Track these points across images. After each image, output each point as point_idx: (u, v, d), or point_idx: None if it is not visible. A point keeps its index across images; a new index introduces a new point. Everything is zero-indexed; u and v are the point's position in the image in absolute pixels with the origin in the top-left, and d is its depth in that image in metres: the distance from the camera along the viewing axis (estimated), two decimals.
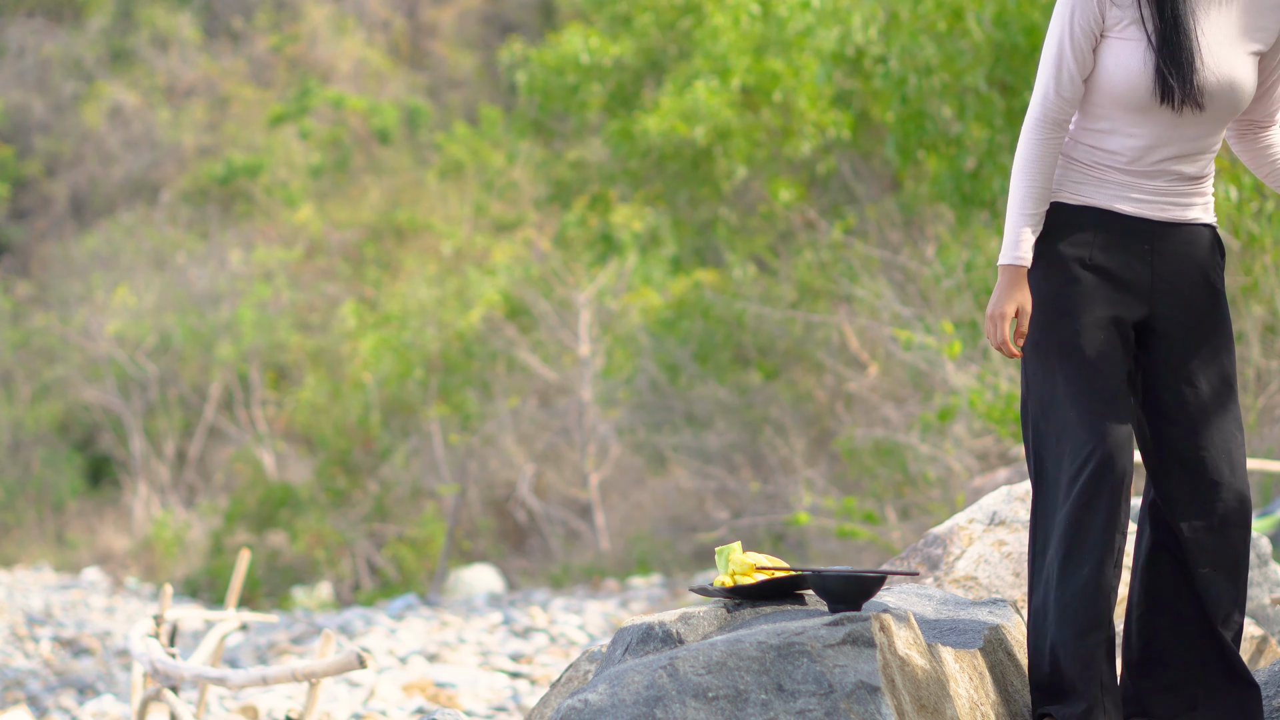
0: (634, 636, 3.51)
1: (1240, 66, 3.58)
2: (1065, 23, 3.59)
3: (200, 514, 23.82)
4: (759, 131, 15.38)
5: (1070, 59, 3.59)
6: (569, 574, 17.18)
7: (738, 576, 3.56)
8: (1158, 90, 3.54)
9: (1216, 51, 3.56)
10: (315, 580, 19.76)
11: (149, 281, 28.01)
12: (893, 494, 12.24)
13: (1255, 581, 5.09)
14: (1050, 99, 3.60)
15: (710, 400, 16.28)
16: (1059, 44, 3.60)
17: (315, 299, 26.51)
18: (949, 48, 11.69)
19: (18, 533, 25.58)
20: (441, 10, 35.27)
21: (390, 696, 9.24)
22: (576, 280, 19.48)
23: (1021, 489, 4.71)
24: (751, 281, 15.79)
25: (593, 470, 18.93)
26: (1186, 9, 3.54)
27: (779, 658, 3.19)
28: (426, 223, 26.25)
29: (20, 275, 31.58)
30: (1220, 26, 3.57)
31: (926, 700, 3.31)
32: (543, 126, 18.52)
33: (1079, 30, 3.58)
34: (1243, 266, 10.36)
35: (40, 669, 13.10)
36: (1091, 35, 3.59)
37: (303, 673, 5.50)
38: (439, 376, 20.92)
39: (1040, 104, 3.62)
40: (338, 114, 30.87)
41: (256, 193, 29.70)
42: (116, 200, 32.38)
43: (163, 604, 6.77)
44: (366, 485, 21.15)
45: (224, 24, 35.08)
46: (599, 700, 3.20)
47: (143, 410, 26.60)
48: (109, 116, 33.20)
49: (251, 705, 8.72)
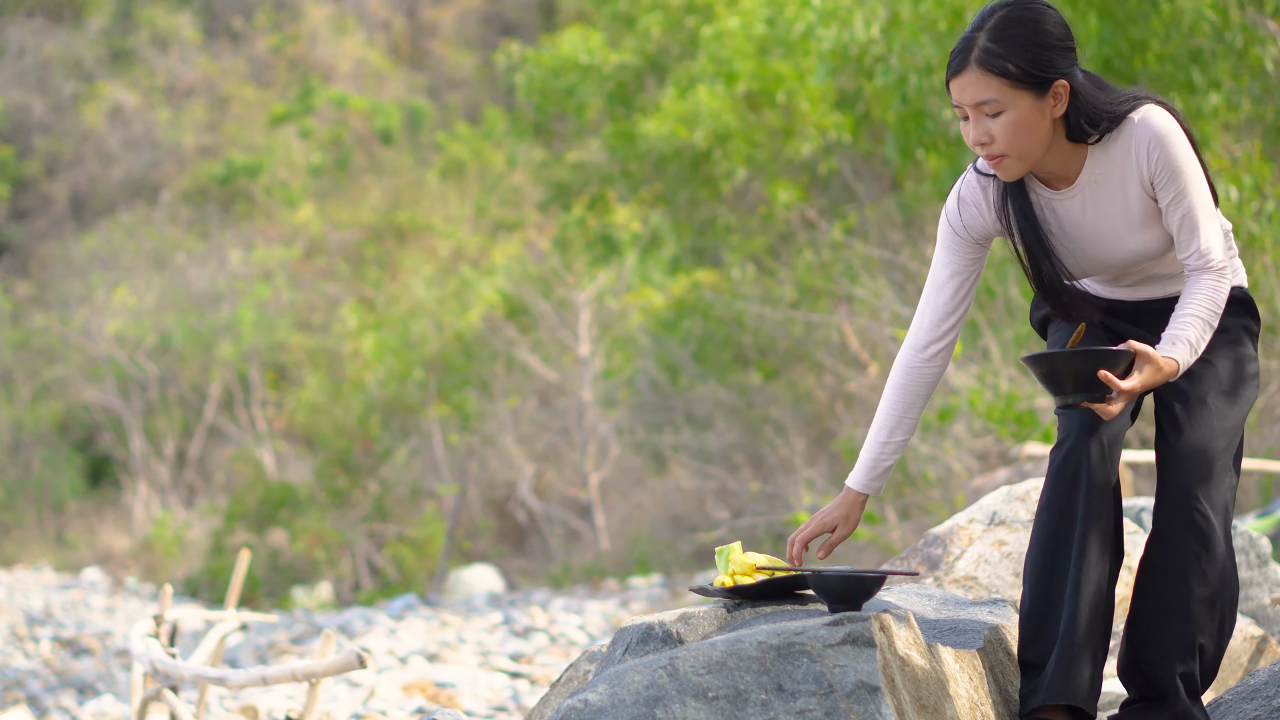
0: (634, 636, 3.50)
1: (1128, 244, 3.57)
2: (934, 263, 3.67)
3: (200, 514, 23.82)
4: (760, 133, 15.38)
5: (933, 300, 3.66)
6: (569, 574, 17.19)
7: (738, 576, 3.55)
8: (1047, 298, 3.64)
9: (1090, 244, 3.58)
10: (315, 580, 19.76)
11: (149, 281, 28.01)
12: (892, 494, 12.24)
13: (1255, 581, 5.09)
14: (911, 335, 3.67)
15: (710, 400, 16.28)
16: (927, 283, 3.68)
17: (315, 299, 26.51)
18: (950, 47, 11.69)
19: (18, 533, 25.58)
20: (441, 10, 35.28)
21: (390, 696, 9.23)
22: (576, 280, 19.48)
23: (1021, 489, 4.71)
24: (751, 281, 15.79)
25: (593, 470, 18.93)
26: (1045, 231, 3.57)
27: (779, 658, 3.19)
28: (427, 223, 26.25)
29: (20, 275, 31.59)
30: (1089, 217, 3.57)
31: (926, 700, 3.31)
32: (543, 128, 18.52)
33: (944, 271, 3.65)
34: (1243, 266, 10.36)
35: (40, 669, 13.10)
36: (960, 275, 3.64)
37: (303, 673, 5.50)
38: (439, 377, 20.93)
39: (907, 337, 3.69)
40: (340, 114, 30.88)
41: (257, 193, 29.71)
42: (116, 200, 32.39)
43: (163, 604, 6.77)
44: (366, 485, 21.15)
45: (224, 24, 35.08)
46: (599, 700, 3.20)
47: (143, 410, 26.61)
48: (109, 116, 33.21)
49: (251, 705, 8.72)
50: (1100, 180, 3.51)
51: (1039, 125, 3.43)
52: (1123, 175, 3.50)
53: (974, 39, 3.42)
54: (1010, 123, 3.41)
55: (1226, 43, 10.58)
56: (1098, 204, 3.53)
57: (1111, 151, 3.49)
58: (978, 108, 3.43)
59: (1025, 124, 3.42)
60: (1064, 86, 3.43)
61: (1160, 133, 3.44)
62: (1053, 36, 3.41)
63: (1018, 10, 3.43)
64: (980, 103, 3.42)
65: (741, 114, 15.27)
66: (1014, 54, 3.39)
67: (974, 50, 3.41)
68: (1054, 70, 3.41)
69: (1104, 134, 3.48)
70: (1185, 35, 10.69)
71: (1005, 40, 3.40)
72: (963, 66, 3.43)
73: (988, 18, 3.43)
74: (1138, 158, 3.47)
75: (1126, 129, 3.47)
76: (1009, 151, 3.44)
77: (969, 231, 3.62)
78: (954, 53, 3.46)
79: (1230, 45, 10.57)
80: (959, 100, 3.45)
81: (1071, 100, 3.45)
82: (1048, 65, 3.41)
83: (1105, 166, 3.50)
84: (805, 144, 15.10)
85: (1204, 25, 10.61)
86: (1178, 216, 3.47)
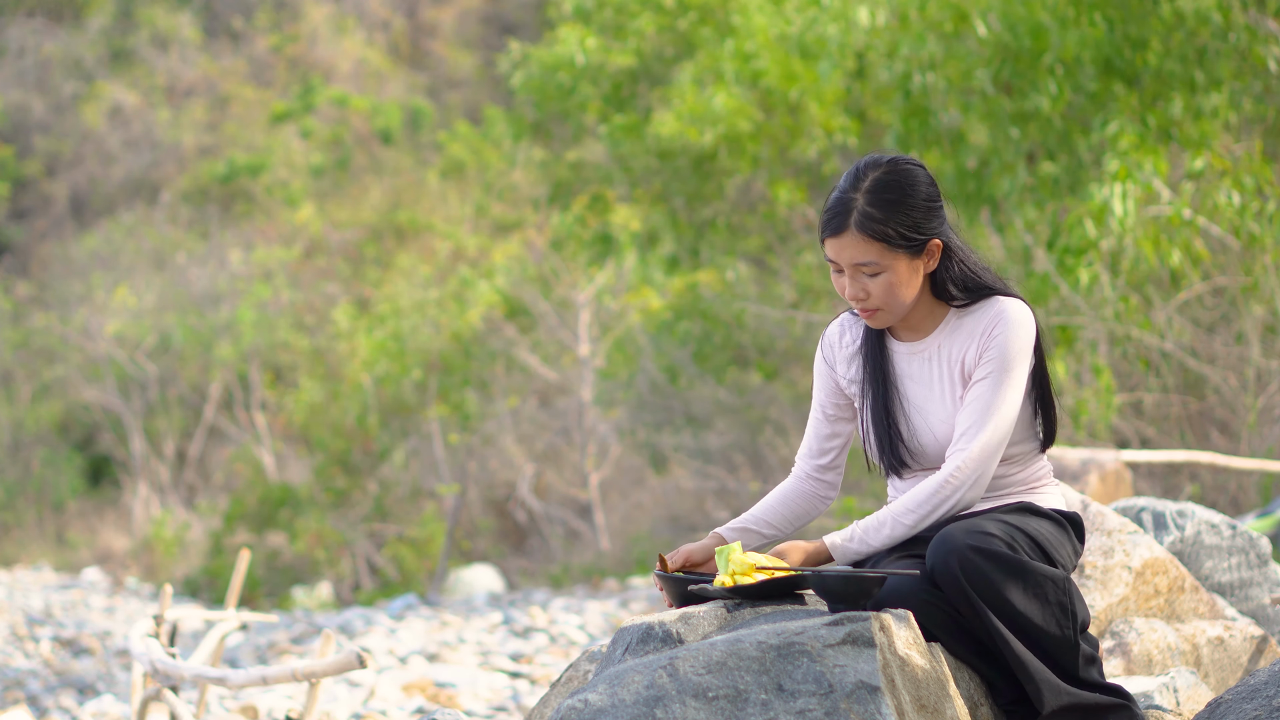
0: (634, 636, 3.50)
1: (947, 414, 3.63)
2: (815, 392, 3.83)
3: (200, 514, 23.82)
4: (768, 133, 15.37)
5: (811, 426, 3.81)
6: (569, 574, 17.18)
7: (738, 576, 3.55)
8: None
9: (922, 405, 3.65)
10: (315, 580, 19.75)
11: (149, 281, 28.00)
12: None
13: (1255, 582, 5.09)
14: (800, 455, 3.82)
15: (710, 400, 16.28)
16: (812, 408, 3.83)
17: (315, 299, 26.50)
18: (955, 49, 11.71)
19: (18, 533, 25.58)
20: (441, 10, 35.27)
21: (390, 696, 9.23)
22: (575, 280, 19.47)
23: None
24: (746, 282, 15.78)
25: (593, 470, 18.93)
26: (894, 376, 3.66)
27: (779, 658, 3.19)
28: (427, 223, 26.24)
29: (20, 275, 31.58)
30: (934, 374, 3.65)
31: (926, 700, 3.31)
32: (542, 128, 18.51)
33: (816, 399, 3.81)
34: (1243, 267, 10.37)
35: (40, 669, 13.10)
36: (829, 414, 3.80)
37: (303, 673, 5.50)
38: (438, 377, 20.92)
39: (798, 457, 3.84)
40: (340, 113, 30.88)
41: (257, 192, 29.70)
42: (116, 200, 32.38)
43: (163, 604, 6.77)
44: (366, 485, 21.14)
45: (224, 24, 35.08)
46: (599, 700, 3.20)
47: (143, 410, 26.60)
48: (109, 116, 33.20)
49: (251, 705, 8.72)
50: (947, 342, 3.62)
51: (912, 282, 3.56)
52: (965, 346, 3.59)
53: (851, 201, 3.53)
54: (887, 282, 3.54)
55: (1230, 43, 10.59)
56: (941, 364, 3.62)
57: (966, 321, 3.60)
58: (856, 268, 3.55)
59: (901, 282, 3.54)
60: (937, 245, 3.57)
61: (1014, 320, 3.55)
62: (926, 198, 3.54)
63: (892, 174, 3.54)
64: (859, 264, 3.54)
65: (752, 114, 15.23)
66: (893, 219, 3.50)
67: (853, 214, 3.52)
68: (929, 232, 3.54)
69: (969, 301, 3.60)
70: (1189, 34, 10.70)
71: (883, 206, 3.51)
72: (841, 229, 3.53)
73: (861, 178, 3.54)
74: (985, 331, 3.57)
75: (988, 305, 3.59)
76: (884, 307, 3.57)
77: (831, 367, 3.77)
78: (829, 212, 3.55)
79: (1234, 45, 10.58)
80: (836, 258, 3.56)
81: (943, 258, 3.59)
82: (923, 228, 3.53)
83: (957, 331, 3.61)
84: (811, 145, 15.09)
85: (1207, 25, 10.62)
86: (973, 396, 3.55)
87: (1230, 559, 5.07)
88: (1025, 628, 3.44)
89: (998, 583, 3.41)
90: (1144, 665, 4.38)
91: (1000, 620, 3.43)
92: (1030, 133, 11.58)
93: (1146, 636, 4.42)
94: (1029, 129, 11.55)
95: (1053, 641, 3.45)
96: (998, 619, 3.43)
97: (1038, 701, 3.46)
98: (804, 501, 3.79)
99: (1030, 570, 3.44)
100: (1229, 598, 5.03)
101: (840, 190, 3.56)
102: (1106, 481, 7.77)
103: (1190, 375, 10.75)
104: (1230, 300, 10.62)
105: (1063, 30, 11.02)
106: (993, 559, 3.41)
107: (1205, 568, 5.03)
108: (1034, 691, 3.45)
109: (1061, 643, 3.46)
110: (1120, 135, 10.33)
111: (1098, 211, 10.07)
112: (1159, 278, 10.60)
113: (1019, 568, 3.43)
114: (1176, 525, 5.03)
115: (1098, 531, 4.62)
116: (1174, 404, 10.75)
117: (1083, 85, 11.18)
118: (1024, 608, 3.43)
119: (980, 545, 3.41)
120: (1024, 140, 11.61)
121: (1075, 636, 3.49)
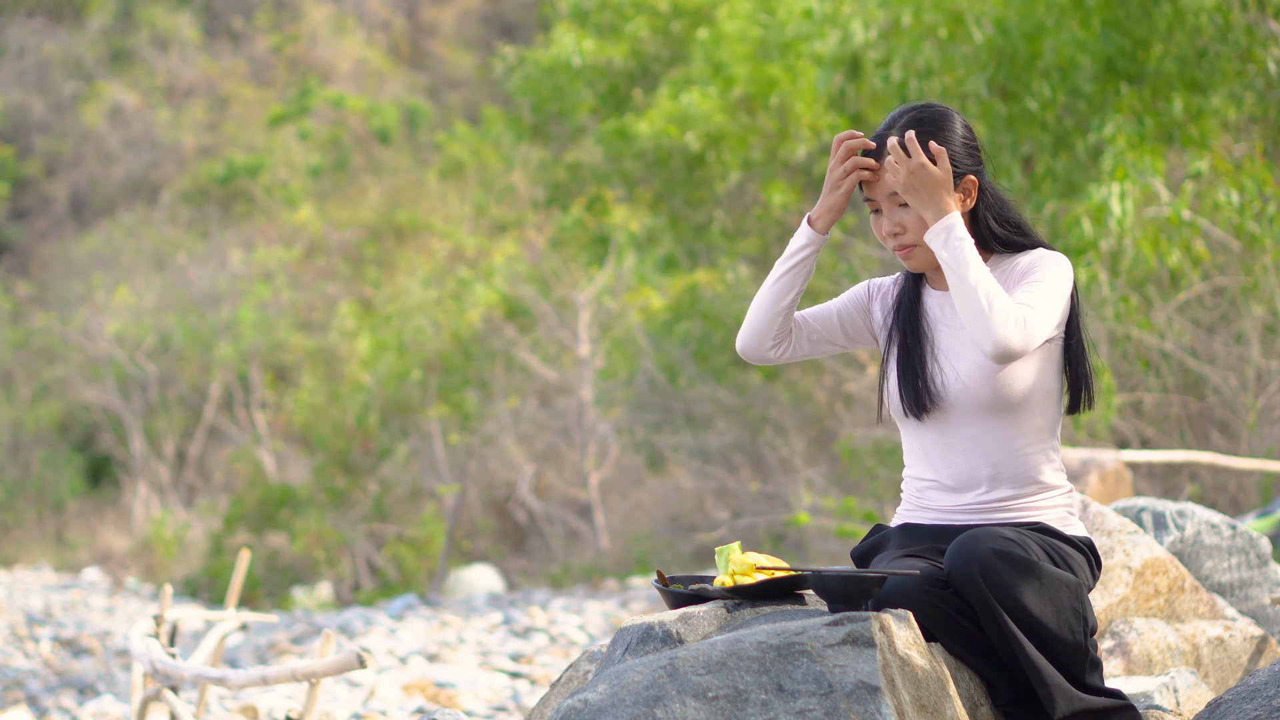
0: (634, 636, 3.51)
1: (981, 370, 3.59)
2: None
3: (200, 514, 23.82)
4: (754, 135, 15.39)
5: (824, 309, 3.79)
6: (569, 574, 17.18)
7: (738, 576, 3.56)
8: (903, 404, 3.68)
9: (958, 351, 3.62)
10: (315, 580, 19.75)
11: (149, 281, 28.00)
12: (893, 494, 12.25)
13: (1255, 582, 5.09)
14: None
15: (710, 400, 16.28)
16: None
17: (315, 299, 26.50)
18: (950, 54, 11.71)
19: (18, 533, 25.58)
20: (441, 10, 35.28)
21: (390, 696, 9.23)
22: (575, 280, 19.47)
23: None
24: (746, 282, 15.79)
25: (593, 470, 18.93)
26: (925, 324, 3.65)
27: (779, 658, 3.19)
28: (426, 223, 26.24)
29: (20, 275, 31.58)
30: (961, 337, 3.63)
31: (926, 700, 3.31)
32: (540, 129, 18.52)
33: (836, 302, 3.81)
34: (1243, 267, 10.37)
35: (40, 669, 13.10)
36: (840, 314, 3.80)
37: (303, 673, 5.50)
38: (438, 376, 20.92)
39: None
40: (338, 114, 30.87)
41: (256, 193, 29.70)
42: (116, 200, 32.39)
43: (163, 604, 6.77)
44: (366, 485, 21.14)
45: (224, 24, 35.09)
46: (599, 700, 3.20)
47: (143, 410, 26.60)
48: (109, 116, 33.21)
49: (251, 705, 8.72)
50: None
51: None
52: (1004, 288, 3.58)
53: (887, 134, 3.56)
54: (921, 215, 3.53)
55: (1230, 43, 10.59)
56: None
57: (1004, 268, 3.60)
58: (892, 199, 3.55)
59: None
60: (973, 182, 3.57)
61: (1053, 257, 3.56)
62: (963, 136, 3.57)
63: (928, 111, 3.58)
64: (895, 194, 3.54)
65: (735, 116, 15.28)
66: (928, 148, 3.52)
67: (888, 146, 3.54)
68: (964, 166, 3.56)
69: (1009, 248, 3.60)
70: (1190, 34, 10.70)
71: (920, 133, 3.53)
72: (878, 159, 3.56)
73: (898, 118, 3.57)
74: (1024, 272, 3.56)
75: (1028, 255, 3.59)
76: (919, 242, 3.56)
77: (870, 298, 3.76)
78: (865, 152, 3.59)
79: (1235, 46, 10.58)
80: (873, 195, 3.57)
81: (980, 198, 3.59)
82: (959, 161, 3.55)
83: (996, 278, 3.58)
84: (800, 145, 15.12)
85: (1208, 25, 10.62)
86: (1026, 284, 3.52)
87: (1230, 559, 5.07)
88: (1039, 632, 3.44)
89: (1015, 586, 3.42)
90: (1144, 665, 4.38)
91: (1016, 624, 3.44)
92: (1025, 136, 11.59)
93: (1146, 637, 4.42)
94: (1024, 132, 11.56)
95: (1065, 647, 3.46)
96: (1013, 623, 3.43)
97: (1050, 706, 3.46)
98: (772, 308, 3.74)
99: (1047, 575, 3.45)
100: (1229, 598, 5.03)
101: (876, 132, 3.61)
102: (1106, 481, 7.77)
103: (1190, 375, 10.75)
104: (1230, 300, 10.63)
105: (1057, 32, 11.03)
106: (1012, 563, 3.42)
107: (1205, 568, 5.03)
108: (1046, 696, 3.45)
109: (1074, 648, 3.47)
110: (1117, 135, 10.34)
111: (1096, 211, 10.07)
112: (1159, 278, 10.61)
113: (1036, 572, 3.44)
114: (1176, 525, 5.03)
115: (1098, 531, 4.63)
116: (1174, 404, 10.76)
117: (1079, 87, 11.19)
118: (1039, 612, 3.43)
119: (1002, 549, 3.42)
120: (1019, 144, 11.62)
121: (1086, 643, 3.50)
